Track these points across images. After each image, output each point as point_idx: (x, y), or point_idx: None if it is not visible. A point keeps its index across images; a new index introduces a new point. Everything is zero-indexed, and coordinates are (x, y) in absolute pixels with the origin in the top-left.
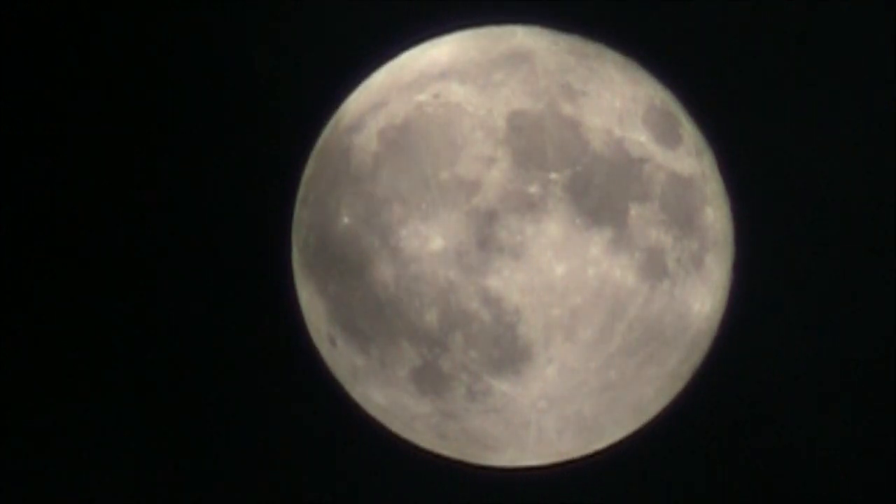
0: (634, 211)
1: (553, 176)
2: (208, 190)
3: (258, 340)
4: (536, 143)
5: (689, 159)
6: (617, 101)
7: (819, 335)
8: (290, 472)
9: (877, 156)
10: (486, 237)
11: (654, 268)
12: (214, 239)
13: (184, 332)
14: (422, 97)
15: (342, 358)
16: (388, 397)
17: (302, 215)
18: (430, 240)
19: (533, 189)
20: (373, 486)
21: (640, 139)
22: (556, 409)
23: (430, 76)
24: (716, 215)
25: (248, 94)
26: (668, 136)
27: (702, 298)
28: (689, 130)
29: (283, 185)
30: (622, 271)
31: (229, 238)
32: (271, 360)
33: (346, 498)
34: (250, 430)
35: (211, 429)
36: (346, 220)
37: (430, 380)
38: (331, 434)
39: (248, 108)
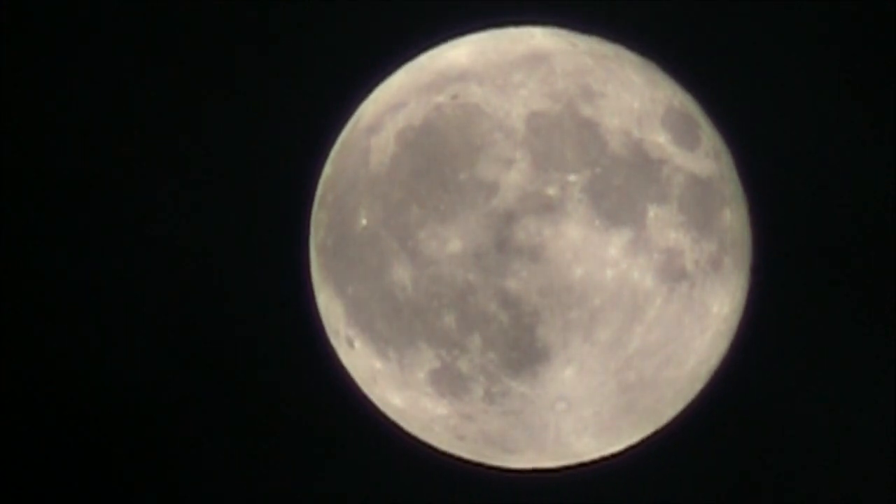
0: (653, 212)
1: (572, 177)
2: (226, 190)
3: (276, 342)
4: (555, 144)
5: (707, 161)
6: (635, 103)
7: (838, 336)
8: (308, 473)
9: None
10: (504, 239)
11: (672, 269)
12: (232, 240)
13: (201, 333)
14: (440, 98)
15: (360, 360)
16: (406, 399)
17: (320, 216)
18: (448, 241)
19: (551, 190)
20: (391, 488)
21: (659, 141)
22: (575, 410)
23: (449, 77)
24: (734, 217)
25: (266, 96)
26: (686, 138)
27: (720, 300)
28: (707, 132)
29: (302, 185)
30: (641, 273)
31: (247, 239)
32: (289, 362)
33: (364, 500)
34: (267, 432)
35: (228, 431)
36: (364, 221)
37: (448, 381)
38: (349, 436)
39: (266, 110)
